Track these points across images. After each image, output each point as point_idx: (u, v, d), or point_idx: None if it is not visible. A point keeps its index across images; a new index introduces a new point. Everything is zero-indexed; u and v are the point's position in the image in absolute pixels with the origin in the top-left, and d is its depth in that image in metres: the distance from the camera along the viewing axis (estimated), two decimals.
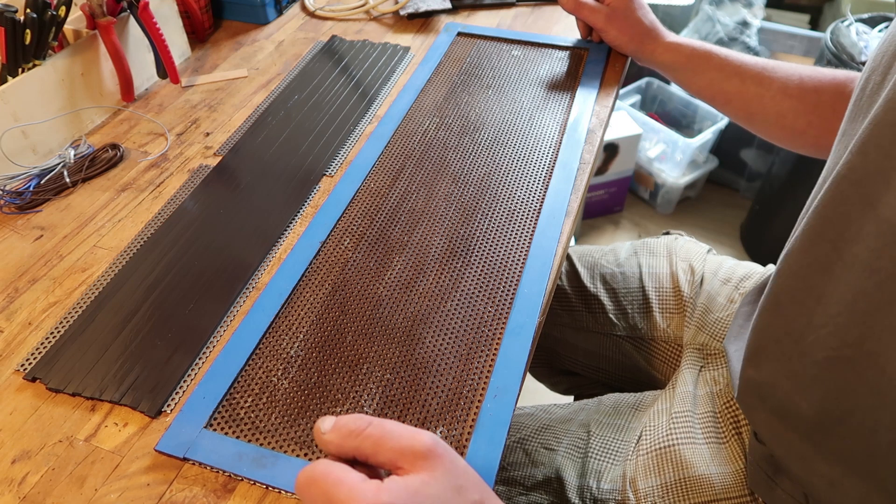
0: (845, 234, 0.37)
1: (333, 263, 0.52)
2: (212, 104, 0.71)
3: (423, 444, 0.31)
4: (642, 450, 0.57)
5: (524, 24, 0.84)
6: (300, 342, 0.46)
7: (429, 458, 0.31)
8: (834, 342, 0.39)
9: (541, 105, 0.69)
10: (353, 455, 0.32)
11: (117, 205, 0.58)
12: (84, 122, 0.67)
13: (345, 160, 0.63)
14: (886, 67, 0.37)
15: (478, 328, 0.47)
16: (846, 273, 0.38)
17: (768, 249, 1.58)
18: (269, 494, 0.38)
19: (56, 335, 0.47)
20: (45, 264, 0.53)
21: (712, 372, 0.61)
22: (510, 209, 0.56)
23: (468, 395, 0.43)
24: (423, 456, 0.31)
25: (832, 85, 0.62)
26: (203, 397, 0.42)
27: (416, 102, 0.69)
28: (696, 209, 1.79)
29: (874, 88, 0.38)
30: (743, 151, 1.72)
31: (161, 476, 0.39)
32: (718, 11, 1.68)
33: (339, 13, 0.86)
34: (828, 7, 1.82)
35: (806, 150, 0.67)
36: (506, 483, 0.60)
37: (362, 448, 0.31)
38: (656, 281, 0.73)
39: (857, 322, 0.37)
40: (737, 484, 0.52)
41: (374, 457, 0.31)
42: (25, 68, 0.61)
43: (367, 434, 0.31)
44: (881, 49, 0.39)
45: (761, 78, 0.65)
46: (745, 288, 0.67)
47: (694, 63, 0.69)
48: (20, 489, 0.39)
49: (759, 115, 0.67)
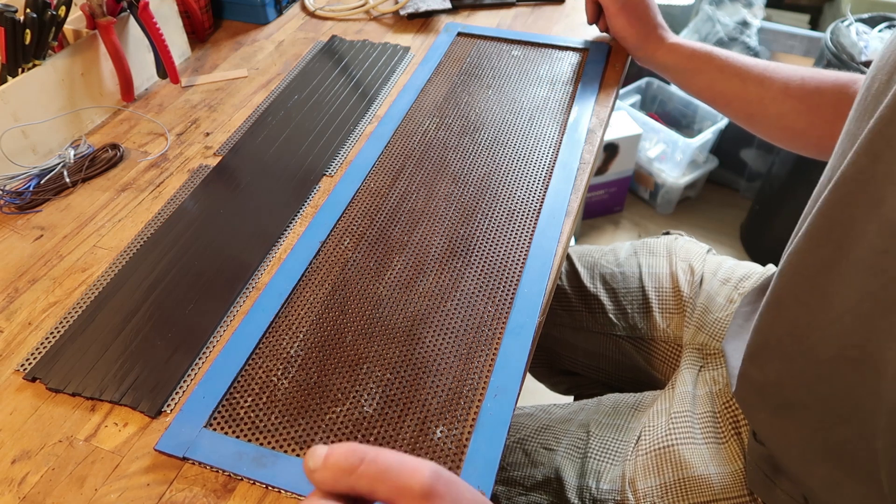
0: (850, 234, 0.37)
1: (333, 263, 0.52)
2: (212, 104, 0.71)
3: (423, 481, 0.29)
4: (641, 450, 0.57)
5: (524, 24, 0.84)
6: (300, 342, 0.46)
7: (430, 496, 0.28)
8: (838, 343, 0.39)
9: (541, 105, 0.69)
10: (348, 494, 0.30)
11: (117, 205, 0.59)
12: (84, 122, 0.67)
13: (345, 160, 0.63)
14: (892, 68, 0.37)
15: (478, 328, 0.47)
16: (851, 273, 0.37)
17: (768, 249, 1.58)
18: (269, 494, 0.39)
19: (56, 335, 0.47)
20: (45, 264, 0.53)
21: (712, 372, 0.61)
22: (510, 209, 0.56)
23: (468, 395, 0.43)
24: (424, 495, 0.28)
25: (834, 86, 0.62)
26: (203, 397, 0.43)
27: (416, 102, 0.69)
28: (696, 209, 1.79)
29: (880, 88, 0.38)
30: (743, 151, 1.72)
31: (161, 476, 0.39)
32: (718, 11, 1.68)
33: (339, 13, 0.86)
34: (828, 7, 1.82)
35: (807, 151, 0.67)
36: (505, 483, 0.60)
37: (358, 487, 0.29)
38: (656, 281, 0.73)
39: (861, 323, 0.37)
40: (736, 484, 0.52)
41: (370, 496, 0.29)
42: (25, 68, 0.61)
43: (362, 472, 0.29)
44: (887, 49, 0.39)
45: (762, 79, 0.65)
46: (745, 288, 0.67)
47: (695, 64, 0.69)
48: (20, 489, 0.39)
49: (759, 116, 0.67)
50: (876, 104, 0.37)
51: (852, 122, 0.40)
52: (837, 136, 0.43)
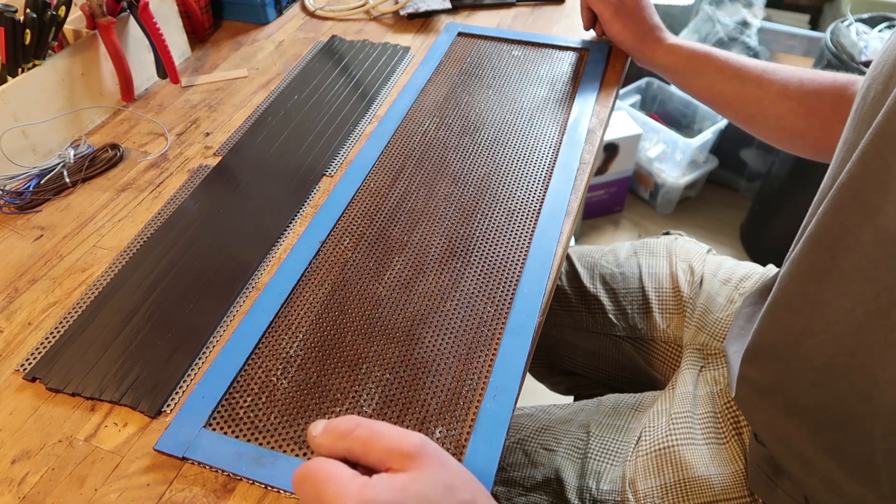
0: (843, 242, 0.38)
1: (333, 263, 0.52)
2: (212, 104, 0.71)
3: (411, 443, 0.31)
4: (642, 450, 0.57)
5: (524, 24, 0.84)
6: (300, 342, 0.46)
7: (417, 457, 0.31)
8: (830, 350, 0.39)
9: (541, 105, 0.69)
10: (344, 456, 0.32)
11: (117, 205, 0.59)
12: (84, 122, 0.67)
13: (345, 160, 0.63)
14: (887, 77, 0.37)
15: (477, 328, 0.47)
16: (845, 281, 0.38)
17: (768, 249, 1.58)
18: (268, 494, 0.38)
19: (56, 335, 0.47)
20: (45, 264, 0.53)
21: (712, 372, 0.61)
22: (510, 209, 0.56)
23: (467, 395, 0.43)
24: (411, 455, 0.31)
25: (832, 88, 0.62)
26: (202, 397, 0.43)
27: (416, 102, 0.69)
28: (696, 209, 1.79)
29: (876, 98, 0.38)
30: (743, 151, 1.72)
31: (161, 476, 0.39)
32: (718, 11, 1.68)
33: (339, 13, 0.86)
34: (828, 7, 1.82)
35: (805, 153, 0.67)
36: (505, 484, 0.60)
37: (352, 449, 0.32)
38: (656, 281, 0.73)
39: (853, 331, 0.38)
40: (737, 485, 0.52)
41: (364, 457, 0.32)
42: (25, 68, 0.61)
43: (357, 435, 0.32)
44: (882, 58, 0.39)
45: (761, 80, 0.65)
46: (745, 288, 0.67)
47: (694, 65, 0.69)
48: (20, 489, 0.39)
49: (758, 118, 0.67)
50: (873, 113, 0.37)
51: (850, 131, 0.41)
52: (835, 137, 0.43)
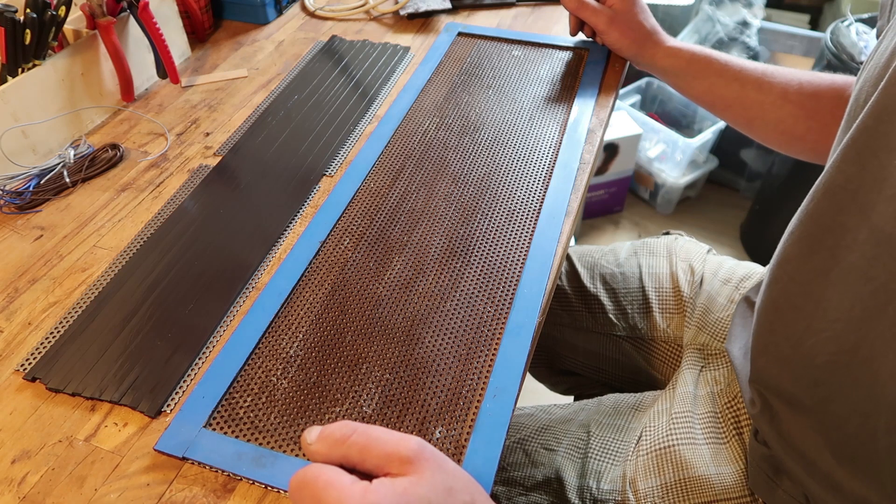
0: (842, 241, 0.38)
1: (333, 263, 0.52)
2: (212, 104, 0.71)
3: (409, 448, 0.31)
4: (642, 450, 0.57)
5: (524, 24, 0.84)
6: (300, 342, 0.46)
7: (416, 461, 0.31)
8: (832, 347, 0.40)
9: (541, 105, 0.69)
10: (341, 463, 0.32)
11: (117, 205, 0.58)
12: (84, 122, 0.67)
13: (345, 160, 0.63)
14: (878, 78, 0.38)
15: (477, 328, 0.47)
16: (844, 280, 0.38)
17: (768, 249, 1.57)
18: (268, 494, 0.38)
19: (56, 335, 0.47)
20: (45, 264, 0.53)
21: (713, 372, 0.61)
22: (510, 209, 0.56)
23: (467, 395, 0.43)
24: (409, 460, 0.31)
25: (831, 90, 0.62)
26: (202, 397, 0.43)
27: (416, 102, 0.69)
28: (696, 209, 1.79)
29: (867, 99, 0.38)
30: (743, 151, 1.72)
31: (161, 476, 0.39)
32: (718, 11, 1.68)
33: (339, 13, 0.86)
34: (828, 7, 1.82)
35: (805, 156, 0.67)
36: (505, 483, 0.60)
37: (349, 456, 0.31)
38: (656, 281, 0.73)
39: (853, 328, 0.38)
40: (737, 484, 0.52)
41: (361, 464, 0.31)
42: (25, 68, 0.61)
43: (353, 441, 0.31)
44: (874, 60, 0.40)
45: (761, 83, 0.65)
46: (745, 288, 0.67)
47: (694, 68, 0.69)
48: (20, 489, 0.39)
49: (758, 121, 0.67)
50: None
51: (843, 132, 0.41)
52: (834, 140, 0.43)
